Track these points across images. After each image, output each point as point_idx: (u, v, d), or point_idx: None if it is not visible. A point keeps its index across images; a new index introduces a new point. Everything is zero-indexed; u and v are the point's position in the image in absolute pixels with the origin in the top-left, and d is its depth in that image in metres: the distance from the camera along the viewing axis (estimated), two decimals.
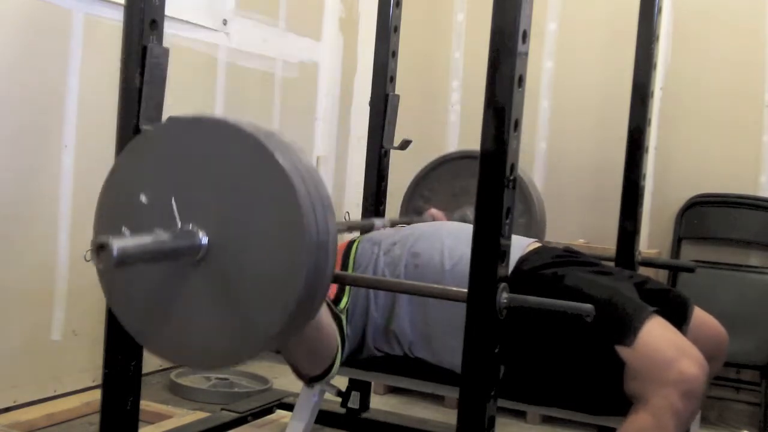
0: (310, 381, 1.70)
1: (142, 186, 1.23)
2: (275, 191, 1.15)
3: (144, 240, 1.13)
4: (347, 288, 1.80)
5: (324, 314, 1.62)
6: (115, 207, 1.28)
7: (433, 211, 2.30)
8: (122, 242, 1.09)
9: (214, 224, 1.19)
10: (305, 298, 1.16)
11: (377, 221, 2.16)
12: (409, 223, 2.16)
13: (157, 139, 1.29)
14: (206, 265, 1.20)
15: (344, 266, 1.84)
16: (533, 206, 2.42)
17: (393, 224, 2.25)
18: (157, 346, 1.32)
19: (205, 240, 1.18)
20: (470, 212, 2.40)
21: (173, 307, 1.24)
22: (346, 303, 1.78)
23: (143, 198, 1.21)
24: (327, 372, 1.68)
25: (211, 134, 1.22)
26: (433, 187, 2.53)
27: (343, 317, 1.75)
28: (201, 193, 1.20)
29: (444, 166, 2.54)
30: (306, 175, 1.17)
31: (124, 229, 1.19)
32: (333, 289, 1.80)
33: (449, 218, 2.32)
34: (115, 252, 1.06)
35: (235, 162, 1.19)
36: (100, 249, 1.07)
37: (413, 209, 2.54)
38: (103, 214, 1.29)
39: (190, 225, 1.19)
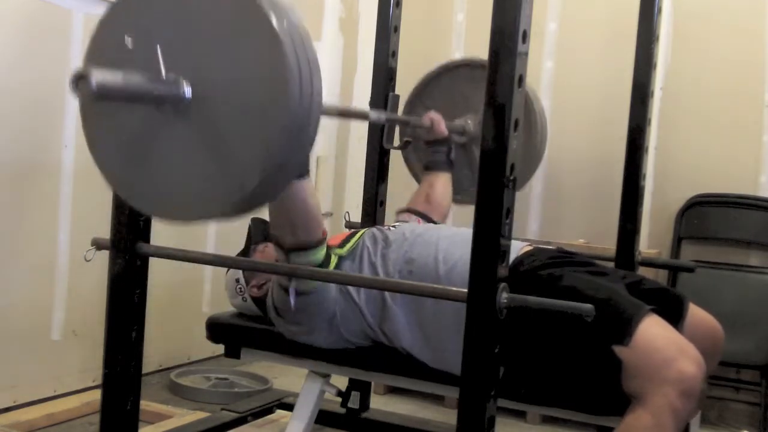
0: (289, 249, 1.66)
1: (132, 34, 1.22)
2: (263, 48, 1.14)
3: (125, 77, 1.13)
4: (351, 243, 1.84)
5: (309, 195, 1.61)
6: (104, 53, 1.26)
7: (432, 114, 2.29)
8: (102, 74, 1.08)
9: (200, 76, 1.18)
10: (284, 156, 1.15)
11: (372, 113, 2.11)
12: (407, 119, 2.18)
13: None
14: (188, 115, 1.19)
15: (343, 244, 1.86)
16: (535, 119, 2.39)
17: (388, 119, 2.23)
18: (132, 193, 1.30)
19: (188, 90, 1.18)
20: (470, 120, 2.40)
21: (152, 155, 1.23)
22: (347, 251, 1.83)
23: (128, 41, 1.20)
24: (313, 247, 1.66)
25: None
26: (434, 95, 2.51)
27: (334, 259, 1.77)
28: (189, 45, 1.19)
29: (446, 74, 2.52)
30: (294, 32, 1.15)
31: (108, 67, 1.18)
32: (338, 240, 1.86)
33: (449, 125, 2.31)
34: (93, 82, 1.06)
35: (224, 16, 1.17)
36: (79, 79, 1.06)
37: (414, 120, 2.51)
38: (92, 59, 1.26)
39: (174, 74, 1.18)
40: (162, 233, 1.71)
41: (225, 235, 3.17)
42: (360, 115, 2.11)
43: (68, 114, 2.58)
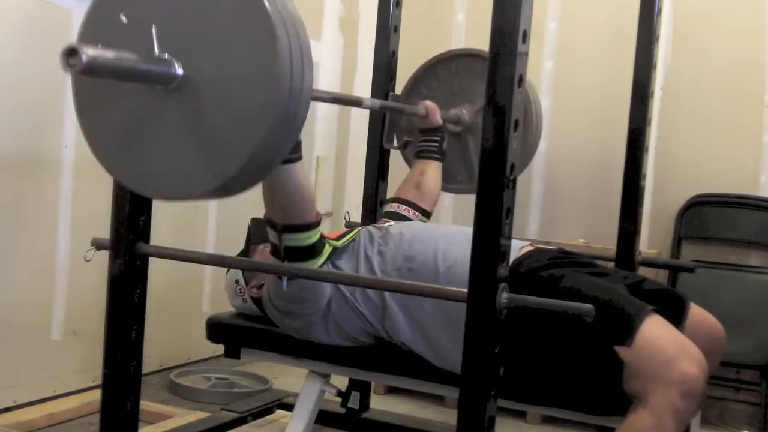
0: (283, 229, 1.65)
1: (125, 13, 1.22)
2: (255, 32, 1.14)
3: (115, 54, 1.13)
4: (348, 237, 1.84)
5: (303, 177, 1.60)
6: (97, 29, 1.27)
7: (428, 103, 2.28)
8: (94, 50, 1.09)
9: (191, 57, 1.18)
10: (270, 138, 1.16)
11: (366, 100, 2.12)
12: (401, 106, 2.21)
13: None
14: (178, 96, 1.19)
15: (339, 238, 1.85)
16: (530, 108, 2.39)
17: (382, 107, 2.24)
18: (119, 170, 1.31)
19: (180, 71, 1.18)
20: (466, 111, 2.40)
21: (141, 134, 1.24)
22: (342, 243, 1.82)
23: (123, 18, 1.21)
24: (305, 229, 1.65)
25: None
26: (431, 84, 2.51)
27: (328, 249, 1.76)
28: (181, 26, 1.20)
29: (444, 63, 2.52)
30: (288, 19, 1.16)
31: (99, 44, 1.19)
32: (335, 234, 1.86)
33: (444, 115, 2.31)
34: (84, 57, 1.07)
35: None
36: (70, 54, 1.07)
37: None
38: (85, 35, 1.27)
39: (167, 54, 1.18)
40: (162, 233, 1.71)
41: (225, 235, 3.17)
42: (353, 102, 2.10)
43: (68, 114, 2.57)
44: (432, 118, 2.27)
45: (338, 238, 1.85)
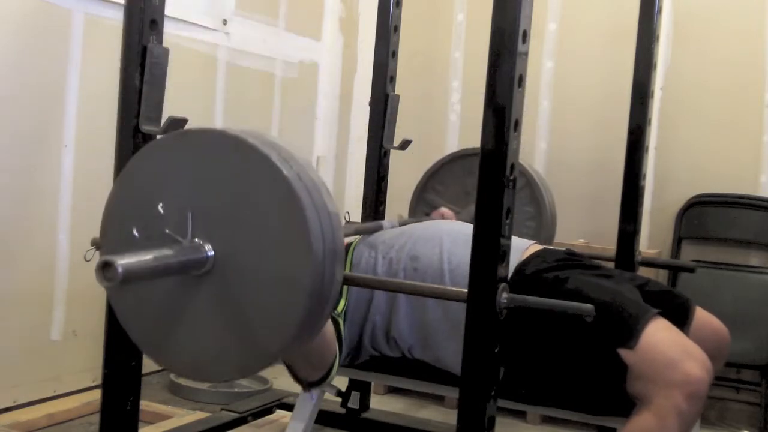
0: (308, 386, 1.69)
1: (151, 194, 1.22)
2: (280, 203, 1.14)
3: (148, 257, 1.12)
4: (344, 291, 1.80)
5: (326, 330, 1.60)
6: (122, 214, 1.27)
7: (443, 210, 2.27)
8: (127, 260, 1.08)
9: (220, 236, 1.17)
10: (311, 314, 1.15)
11: (385, 223, 2.16)
12: (419, 220, 2.16)
13: (165, 149, 1.28)
14: (211, 277, 1.18)
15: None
16: (544, 209, 2.41)
17: (402, 223, 2.23)
18: (162, 357, 1.31)
19: (210, 252, 1.17)
20: None
21: (178, 319, 1.23)
22: (344, 306, 1.78)
23: (161, 208, 1.19)
24: (325, 377, 1.67)
25: (216, 147, 1.20)
26: (445, 181, 2.53)
27: (341, 320, 1.74)
28: (206, 205, 1.19)
29: (457, 162, 2.53)
30: (311, 186, 1.16)
31: (134, 231, 1.19)
32: None
33: (459, 216, 2.29)
34: (120, 270, 1.06)
35: (240, 174, 1.17)
36: (105, 267, 1.07)
37: (424, 203, 2.52)
38: (108, 217, 1.28)
39: (195, 238, 1.18)
40: None
41: None
42: (374, 228, 2.14)
43: (68, 114, 2.58)
44: None
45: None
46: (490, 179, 1.25)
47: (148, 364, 2.64)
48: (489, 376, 1.27)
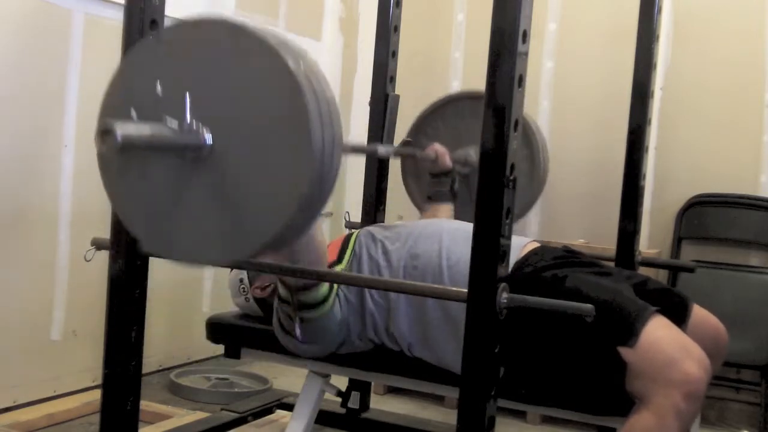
0: (296, 291, 1.68)
1: (152, 80, 1.21)
2: (284, 97, 1.13)
3: (147, 129, 1.13)
4: (348, 253, 1.83)
5: (318, 234, 1.60)
6: (122, 98, 1.27)
7: (437, 146, 2.28)
8: (126, 128, 1.09)
9: (220, 125, 1.17)
10: (303, 208, 1.15)
11: (380, 147, 2.12)
12: (413, 151, 2.20)
13: (165, 40, 1.28)
14: (207, 165, 1.18)
15: (340, 257, 1.84)
16: (537, 151, 2.40)
17: (397, 152, 2.24)
18: (150, 240, 1.30)
19: (209, 139, 1.17)
20: (473, 152, 2.40)
21: (170, 202, 1.23)
22: (346, 263, 1.82)
23: (158, 88, 1.19)
24: (314, 286, 1.66)
25: (222, 36, 1.21)
26: (437, 125, 2.51)
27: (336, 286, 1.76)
28: (208, 93, 1.18)
29: (449, 105, 2.52)
30: (315, 84, 1.15)
31: (132, 111, 1.18)
32: (334, 253, 1.84)
33: (452, 156, 2.31)
34: (118, 137, 1.07)
35: (244, 65, 1.17)
36: (104, 134, 1.08)
37: (416, 145, 2.52)
38: (110, 100, 1.28)
39: (194, 123, 1.17)
40: None
41: None
42: (369, 151, 2.14)
43: (68, 114, 2.58)
44: (442, 162, 2.26)
45: (339, 258, 1.84)
46: (490, 179, 1.25)
47: (148, 364, 2.65)
48: (489, 375, 1.28)
